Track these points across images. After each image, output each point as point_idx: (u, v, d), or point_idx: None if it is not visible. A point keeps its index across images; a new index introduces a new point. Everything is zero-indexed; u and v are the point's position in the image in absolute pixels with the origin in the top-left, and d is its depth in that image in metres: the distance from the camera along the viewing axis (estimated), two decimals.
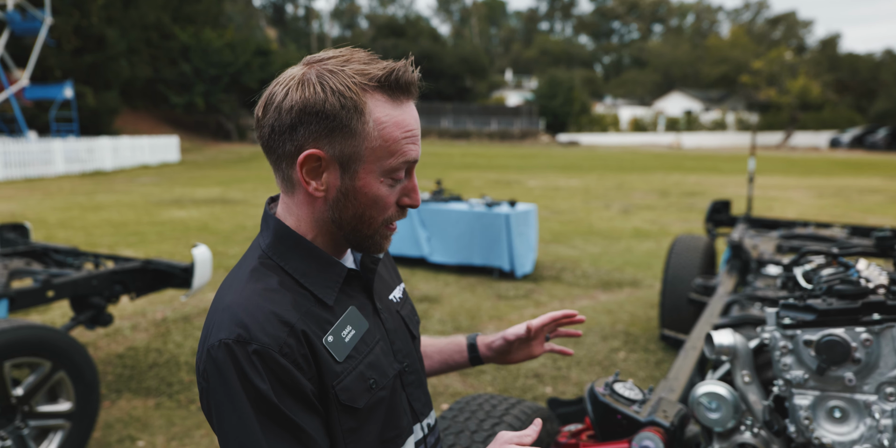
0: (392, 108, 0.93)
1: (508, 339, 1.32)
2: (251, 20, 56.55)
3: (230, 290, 0.95)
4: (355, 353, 0.97)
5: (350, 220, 0.97)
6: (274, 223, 1.00)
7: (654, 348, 4.52)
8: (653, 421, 1.44)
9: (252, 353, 0.86)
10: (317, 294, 0.96)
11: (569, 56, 77.29)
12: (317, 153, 0.91)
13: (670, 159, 28.46)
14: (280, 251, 0.98)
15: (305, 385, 0.89)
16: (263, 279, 0.95)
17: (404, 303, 1.17)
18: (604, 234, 9.14)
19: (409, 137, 0.94)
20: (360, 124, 0.91)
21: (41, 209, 10.88)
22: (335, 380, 0.93)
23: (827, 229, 4.62)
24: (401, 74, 0.93)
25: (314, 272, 0.98)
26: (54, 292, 3.28)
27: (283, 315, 0.90)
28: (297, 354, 0.89)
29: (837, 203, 12.85)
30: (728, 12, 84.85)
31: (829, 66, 50.24)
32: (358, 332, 0.99)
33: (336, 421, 0.94)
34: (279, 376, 0.87)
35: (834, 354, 1.24)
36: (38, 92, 22.09)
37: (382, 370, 1.00)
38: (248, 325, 0.88)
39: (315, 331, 0.93)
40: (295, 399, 0.89)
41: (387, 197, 0.96)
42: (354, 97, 0.90)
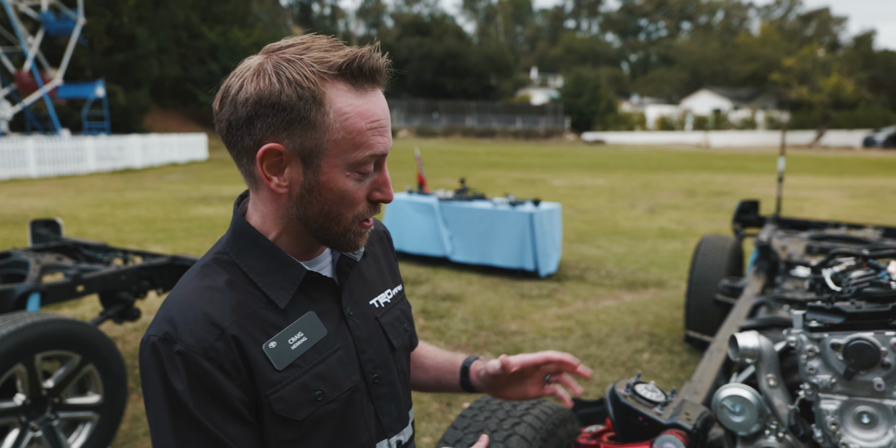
0: (355, 98, 0.87)
1: (489, 373, 1.16)
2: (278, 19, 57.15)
3: (178, 285, 0.92)
4: (301, 362, 0.90)
5: (317, 218, 0.91)
6: (235, 219, 0.96)
7: (678, 350, 4.46)
8: (675, 423, 1.42)
9: (176, 353, 0.83)
10: (269, 295, 0.91)
11: (595, 54, 76.64)
12: (276, 147, 0.86)
13: (698, 158, 28.06)
14: (237, 248, 0.94)
15: (230, 392, 0.85)
16: (211, 276, 0.91)
17: (390, 309, 1.09)
18: (629, 234, 9.05)
19: (376, 128, 0.88)
20: (319, 115, 0.85)
21: (73, 206, 11.14)
22: (270, 389, 0.87)
23: (859, 230, 4.52)
24: (363, 61, 0.86)
25: (271, 272, 0.92)
26: (84, 287, 3.36)
27: (215, 317, 0.86)
28: (223, 359, 0.84)
29: (871, 204, 12.54)
30: (759, 9, 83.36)
31: (864, 63, 49.04)
32: (310, 340, 0.92)
33: (271, 431, 0.89)
34: (201, 380, 0.84)
35: (862, 359, 1.21)
36: (70, 91, 22.63)
37: (334, 382, 0.93)
38: (177, 324, 0.85)
39: (254, 335, 0.88)
40: (215, 405, 0.84)
41: (354, 192, 0.90)
42: (312, 87, 0.84)
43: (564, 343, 4.58)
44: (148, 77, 28.19)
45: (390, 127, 0.92)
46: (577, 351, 4.42)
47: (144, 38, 27.10)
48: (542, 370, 1.18)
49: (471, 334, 4.76)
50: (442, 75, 51.90)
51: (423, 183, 7.43)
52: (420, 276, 6.49)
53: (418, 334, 4.98)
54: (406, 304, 1.15)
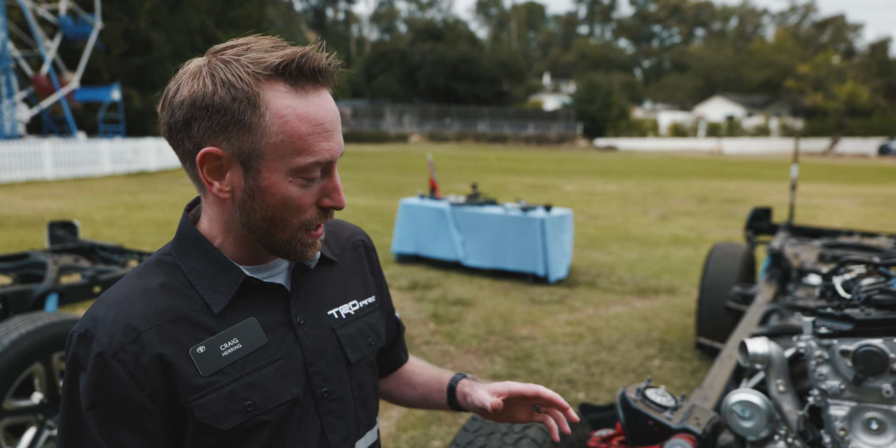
0: (295, 99, 0.82)
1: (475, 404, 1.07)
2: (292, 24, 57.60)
3: (117, 283, 0.92)
4: (231, 370, 0.87)
5: (260, 224, 0.87)
6: (181, 222, 0.95)
7: (689, 357, 4.45)
8: (685, 428, 1.43)
9: (89, 350, 0.83)
10: (206, 299, 0.88)
11: (608, 60, 76.55)
12: (214, 151, 0.83)
13: (711, 165, 27.92)
14: (180, 249, 0.92)
15: (134, 399, 0.82)
16: (147, 276, 0.90)
17: (353, 321, 1.02)
18: (640, 241, 9.02)
19: (320, 133, 0.84)
20: (255, 118, 0.81)
21: (88, 208, 11.27)
22: (192, 394, 0.84)
23: (873, 239, 4.49)
24: (303, 61, 0.82)
25: (210, 275, 0.89)
26: (101, 288, 3.41)
27: (134, 319, 0.84)
28: (133, 364, 0.82)
29: (886, 212, 12.43)
30: (773, 15, 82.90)
31: (879, 70, 48.61)
32: (245, 348, 0.88)
33: (196, 439, 0.86)
34: (106, 382, 0.82)
35: (871, 365, 1.22)
36: (87, 94, 22.94)
37: (269, 393, 0.88)
38: (98, 322, 0.84)
39: (179, 339, 0.85)
40: (112, 410, 0.83)
41: (299, 198, 0.86)
42: (246, 88, 0.80)
43: (575, 349, 4.58)
44: (163, 81, 27.75)
45: (339, 130, 0.88)
46: (587, 357, 4.43)
47: (160, 43, 27.43)
48: (532, 400, 1.07)
49: (481, 339, 4.77)
50: (454, 80, 52.04)
51: (435, 188, 7.47)
52: (431, 280, 6.51)
53: (429, 339, 4.98)
54: (375, 318, 1.08)
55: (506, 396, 1.02)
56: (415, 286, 6.25)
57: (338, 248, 1.08)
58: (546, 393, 1.01)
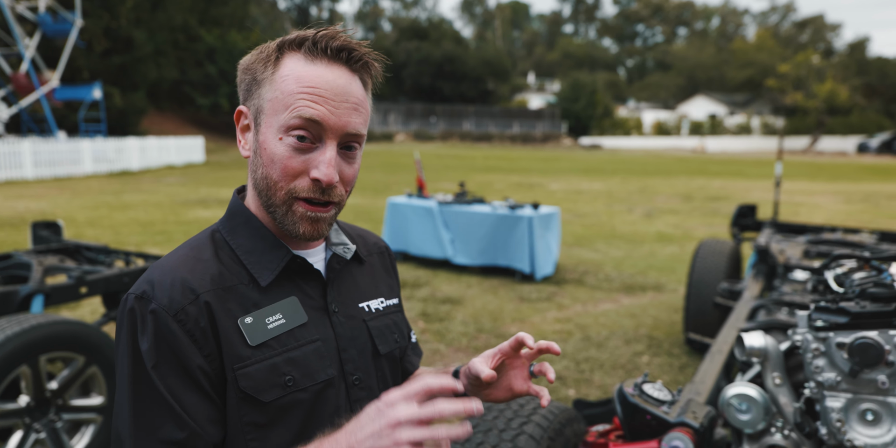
0: (303, 65, 0.89)
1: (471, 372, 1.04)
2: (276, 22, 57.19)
3: (169, 253, 0.95)
4: (274, 343, 0.90)
5: (260, 183, 0.92)
6: (232, 200, 1.00)
7: (677, 352, 4.49)
8: (682, 422, 1.44)
9: (149, 311, 0.85)
10: (253, 273, 0.92)
11: (592, 59, 76.93)
12: (241, 109, 0.95)
13: (694, 163, 28.17)
14: (230, 226, 0.97)
15: (194, 359, 0.85)
16: (199, 248, 0.94)
17: (381, 316, 1.07)
18: (627, 238, 9.08)
19: (307, 93, 0.88)
20: (268, 76, 0.91)
21: (70, 208, 11.12)
22: (238, 363, 0.87)
23: (855, 235, 4.56)
24: (319, 36, 0.90)
25: (258, 252, 0.94)
26: (87, 289, 3.36)
27: (192, 283, 0.88)
28: (192, 324, 0.85)
29: (865, 209, 12.62)
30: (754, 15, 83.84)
31: (858, 69, 49.36)
32: (288, 323, 0.92)
33: (236, 409, 0.87)
34: (167, 341, 0.84)
35: (867, 357, 1.24)
36: (67, 93, 22.59)
37: (307, 371, 0.91)
38: (156, 285, 0.87)
39: (229, 307, 0.88)
40: (176, 369, 0.84)
41: (285, 158, 0.89)
42: (269, 53, 0.91)
43: (564, 346, 4.60)
44: (145, 79, 28.17)
45: (344, 106, 0.90)
46: (576, 353, 4.45)
47: (142, 41, 27.10)
48: (524, 357, 1.07)
49: (471, 337, 4.78)
50: (439, 79, 52.00)
51: (423, 186, 7.46)
52: (420, 279, 6.50)
53: (419, 338, 4.97)
54: (401, 319, 1.12)
55: (499, 359, 1.02)
56: (403, 285, 6.24)
57: (366, 250, 1.13)
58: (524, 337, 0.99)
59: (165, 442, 0.83)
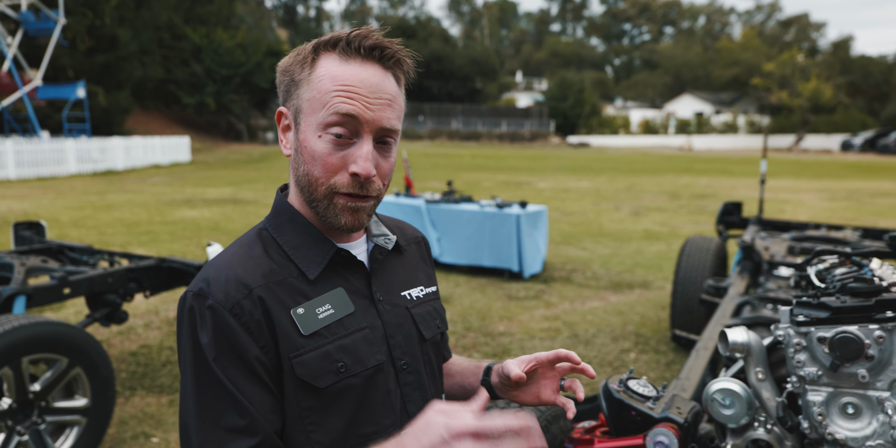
0: (338, 64, 0.94)
1: (504, 373, 1.11)
2: (262, 21, 56.85)
3: (220, 252, 1.00)
4: (326, 332, 0.95)
5: (302, 179, 0.97)
6: (276, 198, 1.05)
7: (664, 349, 4.52)
8: (667, 417, 1.45)
9: (207, 307, 0.89)
10: (301, 267, 0.97)
11: (579, 58, 77.17)
12: (282, 110, 0.99)
13: (681, 161, 28.36)
14: (276, 224, 1.02)
15: (251, 350, 0.89)
16: (249, 246, 0.99)
17: (423, 303, 1.12)
18: (614, 236, 9.13)
19: (343, 91, 0.92)
20: (305, 76, 0.94)
21: (54, 208, 11.00)
22: (294, 352, 0.91)
23: (839, 231, 4.61)
24: (353, 36, 0.94)
25: (304, 247, 0.99)
26: (70, 289, 3.32)
27: (245, 278, 0.92)
28: (248, 317, 0.90)
29: (849, 206, 12.77)
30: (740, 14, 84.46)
31: (842, 68, 49.90)
32: (337, 313, 0.97)
33: (293, 396, 0.92)
34: (225, 335, 0.88)
35: (847, 351, 1.26)
36: (50, 92, 22.32)
37: (358, 357, 0.96)
38: (211, 282, 0.92)
39: (282, 299, 0.93)
40: (235, 361, 0.89)
41: (325, 155, 0.93)
42: (308, 54, 0.95)
43: (552, 344, 4.61)
44: (130, 78, 27.90)
45: (381, 103, 0.94)
46: None
47: (126, 39, 26.82)
48: (558, 371, 1.14)
49: (459, 335, 4.78)
50: (427, 78, 51.94)
51: (411, 185, 7.45)
52: None
53: None
54: (440, 306, 1.17)
55: (533, 365, 1.09)
56: None
57: (404, 240, 1.19)
58: (563, 351, 1.09)
59: (229, 429, 0.88)
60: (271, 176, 18.08)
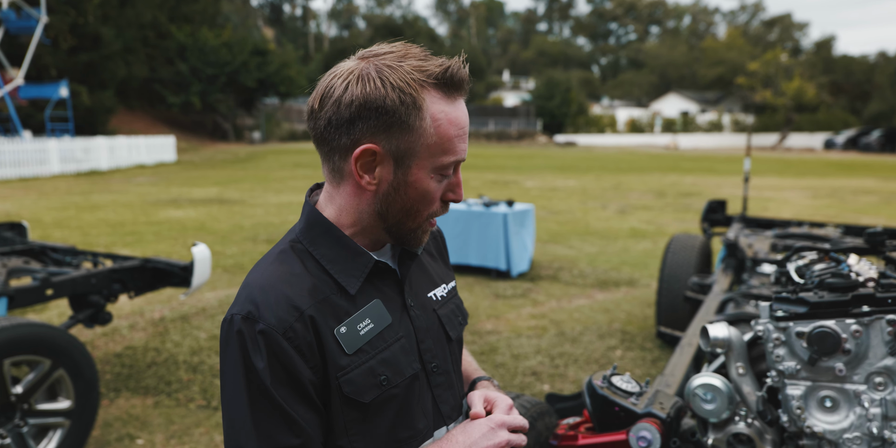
0: (446, 105, 0.93)
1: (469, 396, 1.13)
2: (248, 20, 56.50)
3: (257, 269, 0.98)
4: (368, 348, 0.96)
5: (397, 214, 0.97)
6: (308, 210, 1.02)
7: (650, 346, 4.55)
8: (650, 412, 1.46)
9: (258, 332, 0.89)
10: (340, 282, 0.96)
11: (566, 57, 77.40)
12: (373, 148, 0.92)
13: (667, 160, 28.54)
14: (310, 237, 1.00)
15: (304, 373, 0.90)
16: (288, 262, 0.97)
17: (447, 302, 1.13)
18: (601, 234, 9.17)
19: (462, 136, 0.95)
20: (417, 120, 0.91)
21: (36, 209, 10.87)
22: (340, 371, 0.92)
23: (821, 229, 4.66)
24: (455, 71, 0.93)
25: (341, 260, 0.98)
26: (53, 291, 3.29)
27: (295, 299, 0.92)
28: (300, 340, 0.90)
29: (832, 203, 12.92)
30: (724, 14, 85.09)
31: (824, 68, 50.48)
32: (377, 327, 0.98)
33: (339, 411, 0.93)
34: (279, 359, 0.89)
35: (825, 345, 1.28)
36: (33, 91, 22.04)
37: (398, 368, 0.98)
38: (260, 304, 0.90)
39: (327, 319, 0.93)
40: (290, 384, 0.90)
41: (434, 192, 0.97)
42: (414, 93, 0.91)
43: (539, 342, 4.63)
44: (114, 77, 27.60)
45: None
46: (551, 349, 4.48)
47: (110, 38, 26.54)
48: None
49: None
50: None
51: None
52: None
53: None
54: (459, 300, 1.19)
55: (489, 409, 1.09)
56: None
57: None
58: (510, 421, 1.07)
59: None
60: (258, 175, 17.98)
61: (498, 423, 0.98)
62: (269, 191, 14.13)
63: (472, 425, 0.98)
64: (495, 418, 1.00)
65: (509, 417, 1.01)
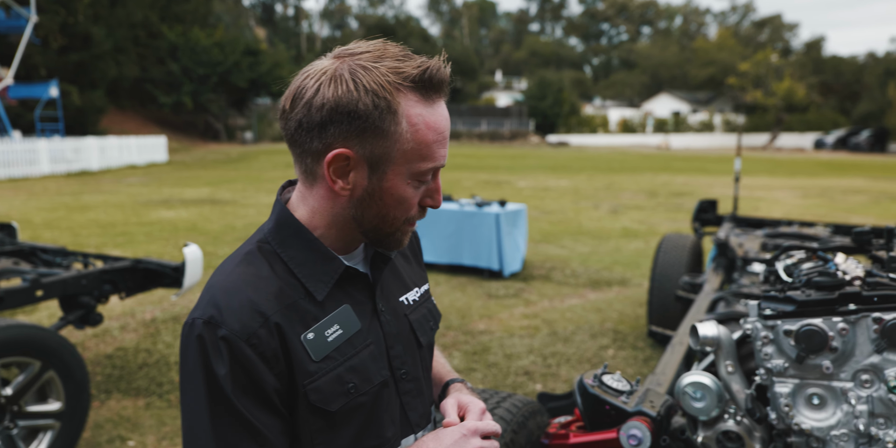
0: (424, 108, 0.89)
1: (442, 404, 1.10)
2: (240, 20, 56.30)
3: (221, 270, 0.94)
4: (336, 354, 0.92)
5: (372, 219, 0.94)
6: (279, 209, 0.98)
7: (642, 346, 4.57)
8: (640, 411, 1.47)
9: (220, 338, 0.85)
10: (308, 287, 0.93)
11: (558, 57, 77.57)
12: (346, 153, 0.88)
13: (659, 160, 28.66)
14: (280, 238, 0.95)
15: (268, 380, 0.87)
16: (255, 263, 0.93)
17: (418, 306, 1.10)
18: (593, 234, 9.20)
19: (441, 141, 0.91)
20: (393, 125, 0.87)
21: (26, 209, 10.79)
22: (307, 379, 0.89)
23: (810, 228, 4.69)
24: (434, 73, 0.88)
25: (311, 264, 0.94)
26: (43, 292, 3.27)
27: (260, 304, 0.88)
28: (265, 347, 0.86)
29: (822, 203, 13.01)
30: (715, 15, 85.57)
31: (814, 68, 50.82)
32: (345, 333, 0.94)
33: (304, 420, 0.91)
34: (242, 366, 0.85)
35: (812, 343, 1.29)
36: (22, 91, 21.87)
37: (366, 375, 0.95)
38: (223, 309, 0.86)
39: (294, 325, 0.90)
40: (252, 392, 0.86)
41: (412, 198, 0.93)
42: (388, 97, 0.86)
43: (531, 341, 4.65)
44: (104, 77, 27.44)
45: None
46: (543, 348, 4.50)
47: (101, 37, 26.38)
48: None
49: (439, 334, 4.79)
50: None
51: None
52: None
53: None
54: (432, 304, 1.16)
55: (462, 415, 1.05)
56: None
57: None
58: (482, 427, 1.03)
59: None
60: (250, 176, 17.92)
61: (471, 429, 0.96)
62: (260, 191, 14.09)
63: (443, 432, 0.96)
64: (468, 425, 0.97)
65: (482, 424, 0.98)
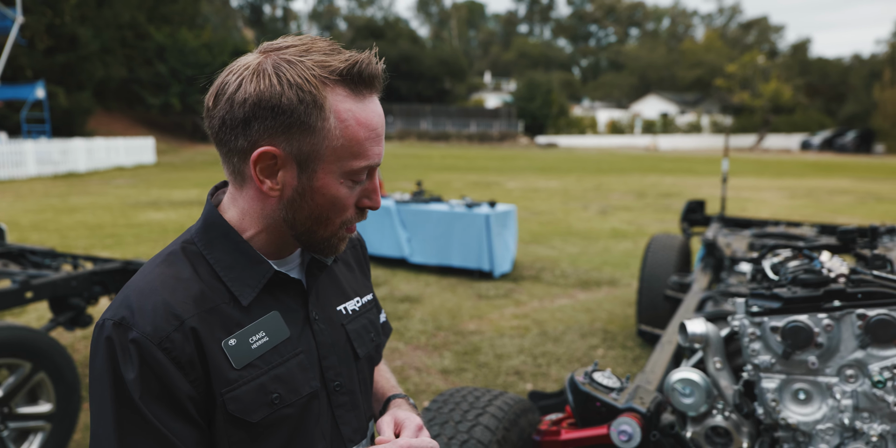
0: (353, 104, 0.85)
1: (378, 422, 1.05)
2: (228, 21, 56.08)
3: (141, 270, 0.90)
4: (260, 363, 0.87)
5: (305, 221, 0.89)
6: (208, 210, 0.93)
7: (631, 345, 4.61)
8: (630, 407, 1.50)
9: (130, 340, 0.80)
10: (233, 291, 0.88)
11: (547, 59, 77.82)
12: (272, 151, 0.83)
13: (647, 161, 28.83)
14: (206, 239, 0.91)
15: (181, 387, 0.82)
16: (176, 264, 0.88)
17: (358, 316, 1.05)
18: (582, 235, 9.25)
19: (373, 138, 0.87)
20: (319, 121, 0.83)
21: (13, 211, 10.70)
22: (226, 387, 0.84)
23: (797, 228, 4.75)
24: (363, 67, 0.84)
25: (238, 267, 0.89)
26: (33, 293, 3.25)
27: (175, 307, 0.83)
28: (178, 352, 0.81)
29: (808, 203, 13.15)
30: (702, 16, 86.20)
31: (800, 70, 51.38)
32: (272, 341, 0.89)
33: (223, 431, 0.85)
34: (153, 371, 0.80)
35: (798, 339, 1.32)
36: (8, 92, 21.67)
37: (293, 386, 0.90)
38: (135, 310, 0.82)
39: (214, 330, 0.85)
40: (163, 398, 0.81)
41: (346, 198, 0.89)
42: (314, 91, 0.82)
43: (522, 341, 4.67)
44: (91, 78, 27.22)
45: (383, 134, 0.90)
46: (533, 348, 4.52)
47: (87, 38, 26.18)
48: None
49: (430, 335, 4.80)
50: (396, 79, 51.81)
51: (380, 185, 7.44)
52: (378, 278, 6.50)
53: None
54: (375, 314, 1.11)
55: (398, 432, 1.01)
56: None
57: None
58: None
59: None
60: None
61: (403, 447, 0.91)
62: None
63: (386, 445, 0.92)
64: (400, 442, 0.92)
65: (416, 441, 0.93)
